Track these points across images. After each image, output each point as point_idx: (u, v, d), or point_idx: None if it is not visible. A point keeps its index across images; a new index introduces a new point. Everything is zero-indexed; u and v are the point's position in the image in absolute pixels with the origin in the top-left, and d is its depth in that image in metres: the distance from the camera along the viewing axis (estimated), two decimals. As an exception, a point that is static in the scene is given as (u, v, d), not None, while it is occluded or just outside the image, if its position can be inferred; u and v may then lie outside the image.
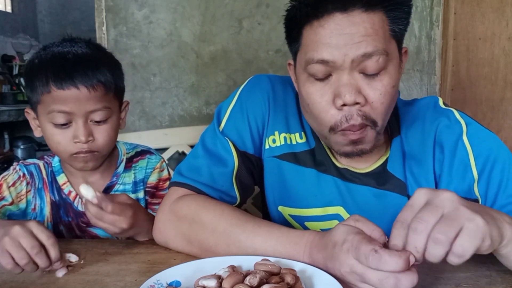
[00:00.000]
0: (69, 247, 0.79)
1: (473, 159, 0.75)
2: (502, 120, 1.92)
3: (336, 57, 0.67)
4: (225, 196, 0.81)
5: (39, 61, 0.87)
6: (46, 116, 0.86)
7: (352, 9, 0.66)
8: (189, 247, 0.74)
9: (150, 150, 1.07)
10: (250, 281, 0.53)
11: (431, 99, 0.85)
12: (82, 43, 0.90)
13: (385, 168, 0.81)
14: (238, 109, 0.86)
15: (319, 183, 0.83)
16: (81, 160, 0.89)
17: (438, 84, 1.80)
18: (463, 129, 0.77)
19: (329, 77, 0.70)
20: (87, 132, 0.86)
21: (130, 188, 1.00)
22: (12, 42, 5.26)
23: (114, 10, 1.73)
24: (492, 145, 0.76)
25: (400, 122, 0.83)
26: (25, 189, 0.96)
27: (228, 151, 0.83)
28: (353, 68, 0.68)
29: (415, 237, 0.50)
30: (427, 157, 0.79)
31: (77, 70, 0.84)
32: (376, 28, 0.67)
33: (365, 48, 0.66)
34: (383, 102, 0.69)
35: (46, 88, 0.84)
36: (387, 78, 0.69)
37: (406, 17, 0.71)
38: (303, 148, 0.84)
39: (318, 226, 0.85)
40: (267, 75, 0.90)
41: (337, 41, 0.67)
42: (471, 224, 0.49)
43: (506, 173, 0.74)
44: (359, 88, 0.68)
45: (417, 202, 0.53)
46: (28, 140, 4.50)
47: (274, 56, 1.75)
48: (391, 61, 0.69)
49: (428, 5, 1.76)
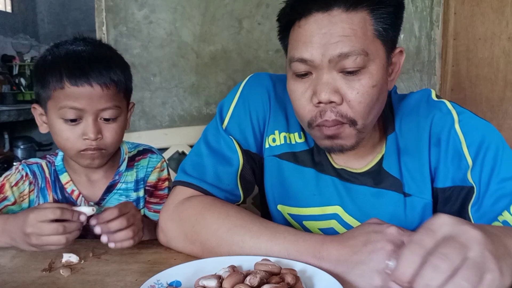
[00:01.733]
0: (69, 247, 0.79)
1: (466, 147, 0.76)
2: (502, 120, 1.92)
3: (314, 56, 0.68)
4: (230, 195, 0.82)
5: (53, 57, 0.88)
6: (57, 112, 0.86)
7: (333, 9, 0.67)
8: (191, 247, 0.74)
9: (152, 149, 1.07)
10: (251, 281, 0.53)
11: (424, 92, 0.85)
12: (95, 43, 0.93)
13: (381, 166, 0.81)
14: (241, 107, 0.86)
15: (317, 183, 0.84)
16: (88, 157, 0.89)
17: (438, 84, 1.80)
18: (454, 118, 0.78)
19: (310, 75, 0.71)
20: (96, 129, 0.87)
21: (132, 187, 1.00)
22: (12, 42, 5.26)
23: (114, 10, 1.73)
24: (484, 132, 0.76)
25: (394, 118, 0.83)
26: (28, 189, 0.96)
27: (233, 149, 0.83)
28: (331, 67, 0.69)
29: (434, 275, 0.45)
30: (422, 152, 0.79)
31: (92, 68, 0.85)
32: (356, 28, 0.67)
33: (341, 49, 0.67)
34: (361, 102, 0.70)
35: (59, 84, 0.85)
36: (366, 78, 0.69)
37: (393, 17, 0.71)
38: (302, 148, 0.84)
39: (316, 225, 0.85)
40: (268, 73, 0.91)
41: (316, 41, 0.68)
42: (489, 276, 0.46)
43: (499, 158, 0.74)
44: (337, 87, 0.69)
45: (439, 230, 0.48)
46: (28, 140, 4.50)
47: (274, 56, 1.75)
48: (372, 61, 0.69)
49: (428, 5, 1.76)
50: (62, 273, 0.68)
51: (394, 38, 0.73)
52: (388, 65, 0.73)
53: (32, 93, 4.91)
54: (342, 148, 0.75)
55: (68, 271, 0.68)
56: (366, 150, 0.82)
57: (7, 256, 0.76)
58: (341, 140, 0.73)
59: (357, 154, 0.82)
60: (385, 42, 0.71)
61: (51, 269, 0.70)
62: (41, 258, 0.75)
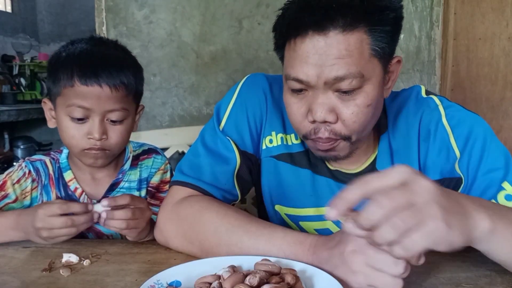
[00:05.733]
0: (69, 247, 0.79)
1: (454, 140, 0.76)
2: (502, 120, 1.92)
3: (310, 77, 0.68)
4: (227, 194, 0.82)
5: (67, 54, 0.89)
6: (65, 109, 0.87)
7: (329, 30, 0.66)
8: (190, 247, 0.74)
9: (156, 149, 1.08)
10: (250, 281, 0.53)
11: (413, 89, 0.85)
12: (110, 44, 0.93)
13: (374, 167, 0.82)
14: (238, 108, 0.86)
15: (313, 184, 0.84)
16: (92, 156, 0.90)
17: (438, 84, 1.80)
18: (441, 113, 0.79)
19: (306, 91, 0.71)
20: (101, 130, 0.87)
21: (135, 186, 1.00)
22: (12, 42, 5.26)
23: (114, 10, 1.73)
24: (472, 124, 0.76)
25: (387, 117, 0.83)
26: (30, 186, 0.95)
27: (230, 149, 0.83)
28: (327, 87, 0.68)
29: (374, 209, 0.47)
30: (412, 149, 0.80)
31: (102, 69, 0.85)
32: (352, 49, 0.66)
33: (336, 72, 0.66)
34: (356, 121, 0.70)
35: (69, 82, 0.85)
36: (361, 98, 0.69)
37: (391, 34, 0.70)
38: (299, 149, 0.85)
39: (312, 226, 0.85)
40: (264, 74, 0.91)
41: (311, 62, 0.67)
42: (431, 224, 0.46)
43: (486, 149, 0.74)
44: (333, 107, 0.69)
45: (394, 176, 0.49)
46: (28, 140, 4.51)
47: (274, 56, 1.73)
48: (368, 80, 0.69)
49: (428, 5, 1.76)
50: (62, 273, 0.68)
51: (391, 51, 0.72)
52: (384, 76, 0.73)
53: (32, 93, 4.91)
54: (336, 158, 0.76)
55: (68, 271, 0.68)
56: (360, 152, 0.82)
57: (7, 256, 0.76)
58: (335, 152, 0.74)
59: (352, 156, 0.82)
60: (382, 59, 0.70)
61: (51, 269, 0.70)
62: (41, 258, 0.75)
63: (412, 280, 0.63)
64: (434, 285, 0.62)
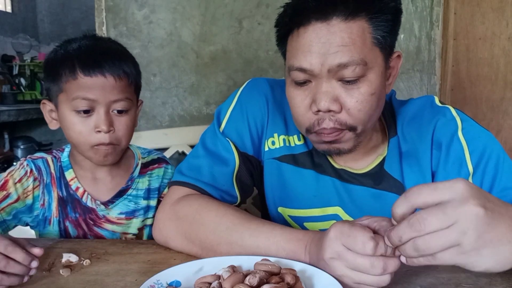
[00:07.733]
0: (69, 247, 0.79)
1: (469, 154, 0.76)
2: (502, 120, 1.92)
3: (313, 66, 0.69)
4: (226, 195, 0.82)
5: (65, 51, 0.89)
6: (69, 104, 0.87)
7: (331, 18, 0.67)
8: (190, 246, 0.74)
9: (165, 159, 1.07)
10: (250, 281, 0.53)
11: (427, 99, 0.85)
12: (105, 39, 0.95)
13: (382, 168, 0.82)
14: (238, 111, 0.87)
15: (317, 184, 0.84)
16: (102, 153, 0.89)
17: (438, 84, 1.80)
18: (458, 125, 0.79)
19: (309, 82, 0.72)
20: (108, 121, 0.87)
21: (143, 194, 1.00)
22: (12, 42, 5.26)
23: (114, 10, 1.73)
24: (487, 141, 0.77)
25: (397, 122, 0.83)
26: (32, 185, 0.95)
27: (229, 151, 0.83)
28: (330, 76, 0.69)
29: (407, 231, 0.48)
30: (424, 155, 0.80)
31: (105, 59, 0.86)
32: (354, 37, 0.67)
33: (340, 59, 0.67)
34: (360, 110, 0.70)
35: (72, 75, 0.85)
36: (365, 86, 0.70)
37: (392, 24, 0.71)
38: (302, 149, 0.85)
39: (317, 226, 0.85)
40: (265, 78, 0.92)
41: (315, 50, 0.68)
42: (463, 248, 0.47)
43: (500, 168, 0.75)
44: (336, 96, 0.70)
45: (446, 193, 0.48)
46: (28, 140, 4.51)
47: (274, 56, 1.74)
48: (371, 69, 0.70)
49: (428, 5, 1.76)
50: (62, 273, 0.68)
51: (392, 43, 0.74)
52: (386, 70, 0.74)
53: (32, 93, 4.91)
54: (339, 152, 0.75)
55: (68, 271, 0.68)
56: (367, 151, 0.82)
57: (7, 256, 0.76)
58: (338, 144, 0.74)
59: (358, 155, 0.82)
60: (384, 49, 0.71)
61: (51, 269, 0.70)
62: (41, 258, 0.74)
63: (412, 280, 0.63)
64: (434, 285, 0.62)
